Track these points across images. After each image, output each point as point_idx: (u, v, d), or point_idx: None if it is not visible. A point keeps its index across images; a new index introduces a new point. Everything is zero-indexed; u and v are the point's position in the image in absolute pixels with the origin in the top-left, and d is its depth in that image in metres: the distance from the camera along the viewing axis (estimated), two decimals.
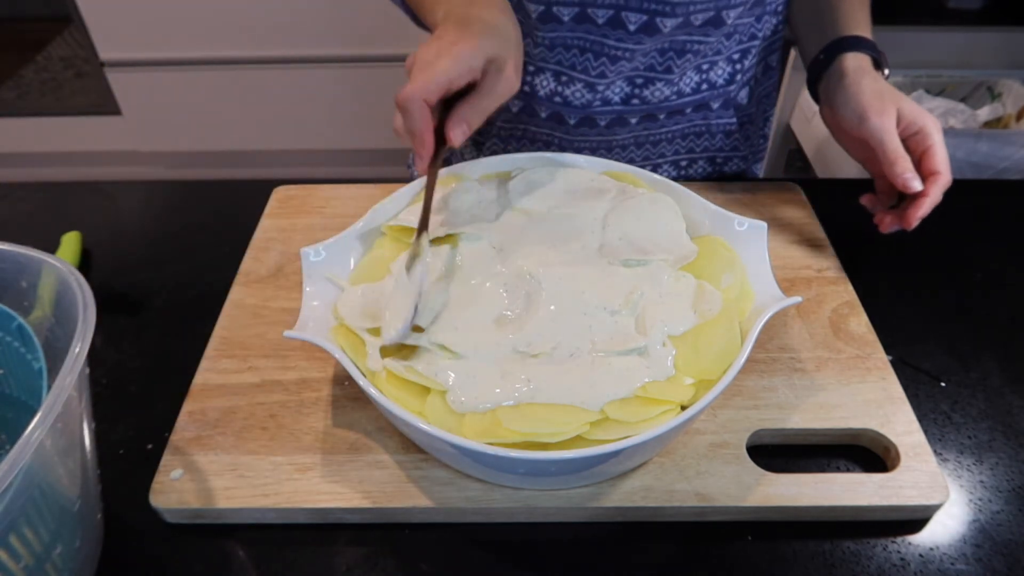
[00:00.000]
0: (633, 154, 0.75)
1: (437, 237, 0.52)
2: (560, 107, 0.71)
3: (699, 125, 0.74)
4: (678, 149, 0.76)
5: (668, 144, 0.75)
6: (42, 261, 0.41)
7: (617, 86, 0.69)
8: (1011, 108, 1.37)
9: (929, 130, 0.58)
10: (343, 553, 0.45)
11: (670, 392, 0.44)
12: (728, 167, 0.79)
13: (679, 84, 0.70)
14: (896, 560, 0.44)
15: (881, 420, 0.49)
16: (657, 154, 0.75)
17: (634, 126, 0.72)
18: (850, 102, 0.60)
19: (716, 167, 0.79)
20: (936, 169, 0.57)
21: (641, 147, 0.74)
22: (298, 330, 0.46)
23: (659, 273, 0.50)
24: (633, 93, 0.70)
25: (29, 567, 0.35)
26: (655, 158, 0.76)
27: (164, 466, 0.47)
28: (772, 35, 0.74)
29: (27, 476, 0.33)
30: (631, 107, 0.71)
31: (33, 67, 2.24)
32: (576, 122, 0.72)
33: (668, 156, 0.76)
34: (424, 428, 0.40)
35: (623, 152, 0.75)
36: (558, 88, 0.70)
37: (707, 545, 0.45)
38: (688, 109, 0.72)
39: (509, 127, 0.75)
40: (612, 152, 0.75)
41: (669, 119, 0.73)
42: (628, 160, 0.75)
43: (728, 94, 0.73)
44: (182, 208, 0.76)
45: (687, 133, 0.74)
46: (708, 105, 0.73)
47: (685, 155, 0.76)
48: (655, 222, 0.53)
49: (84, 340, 0.35)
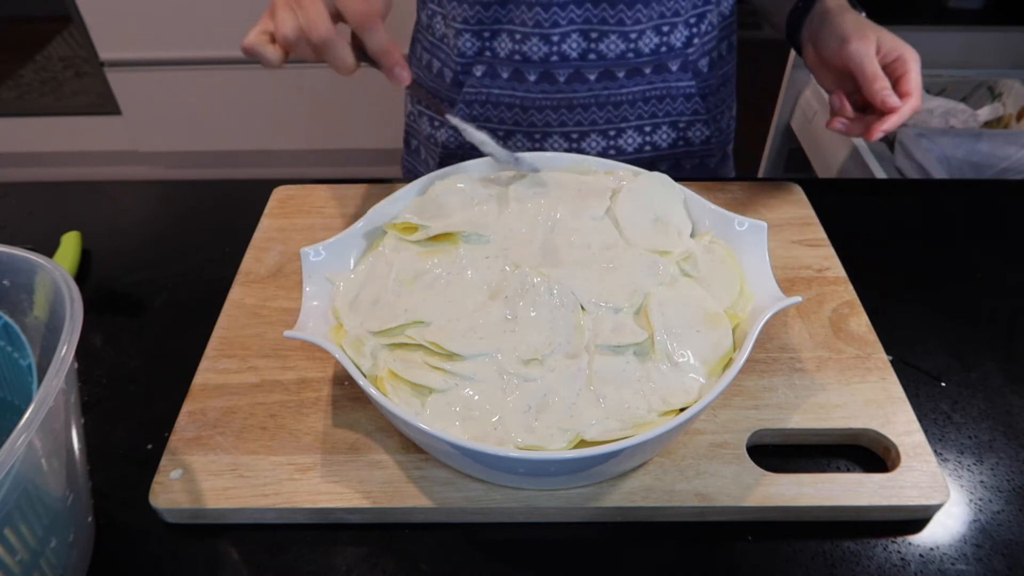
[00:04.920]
0: (595, 115, 0.77)
1: (438, 236, 0.52)
2: (520, 64, 0.74)
3: (659, 88, 0.76)
4: (640, 113, 0.77)
5: (630, 107, 0.77)
6: (35, 263, 0.41)
7: (573, 40, 0.72)
8: (1011, 108, 1.37)
9: (907, 57, 0.61)
10: (343, 553, 0.45)
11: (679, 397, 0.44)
12: (692, 133, 0.81)
13: (637, 43, 0.73)
14: (896, 560, 0.44)
15: (881, 420, 0.49)
16: (620, 117, 0.77)
17: (593, 83, 0.74)
18: (834, 32, 0.63)
19: (680, 132, 0.80)
20: (910, 92, 0.60)
21: (603, 108, 0.76)
22: (298, 330, 0.46)
23: (662, 273, 0.50)
24: (589, 48, 0.72)
25: (24, 561, 0.35)
26: (618, 121, 0.77)
27: (164, 466, 0.47)
28: (729, 15, 0.79)
29: (17, 476, 0.33)
30: (588, 62, 0.73)
31: (33, 67, 2.24)
32: (536, 78, 0.74)
33: (631, 120, 0.78)
34: (424, 428, 0.40)
35: (585, 112, 0.76)
36: (515, 46, 0.73)
37: (707, 545, 0.45)
38: (647, 69, 0.75)
39: (474, 91, 0.77)
40: (573, 112, 0.76)
41: (629, 79, 0.75)
42: (591, 123, 0.77)
43: (686, 57, 0.75)
44: (182, 208, 0.76)
45: (648, 96, 0.76)
46: (667, 67, 0.75)
47: (648, 120, 0.78)
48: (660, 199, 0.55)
49: (71, 341, 0.35)
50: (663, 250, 0.51)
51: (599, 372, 0.45)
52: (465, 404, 0.44)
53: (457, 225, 0.52)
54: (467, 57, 0.76)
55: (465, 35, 0.74)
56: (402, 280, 0.50)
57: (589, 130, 0.77)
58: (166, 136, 2.03)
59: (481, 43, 0.74)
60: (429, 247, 0.52)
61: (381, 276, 0.51)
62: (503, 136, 0.79)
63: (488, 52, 0.75)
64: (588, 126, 0.77)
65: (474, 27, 0.74)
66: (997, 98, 1.41)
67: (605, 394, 0.44)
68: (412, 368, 0.45)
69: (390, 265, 0.51)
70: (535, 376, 0.45)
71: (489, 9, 0.72)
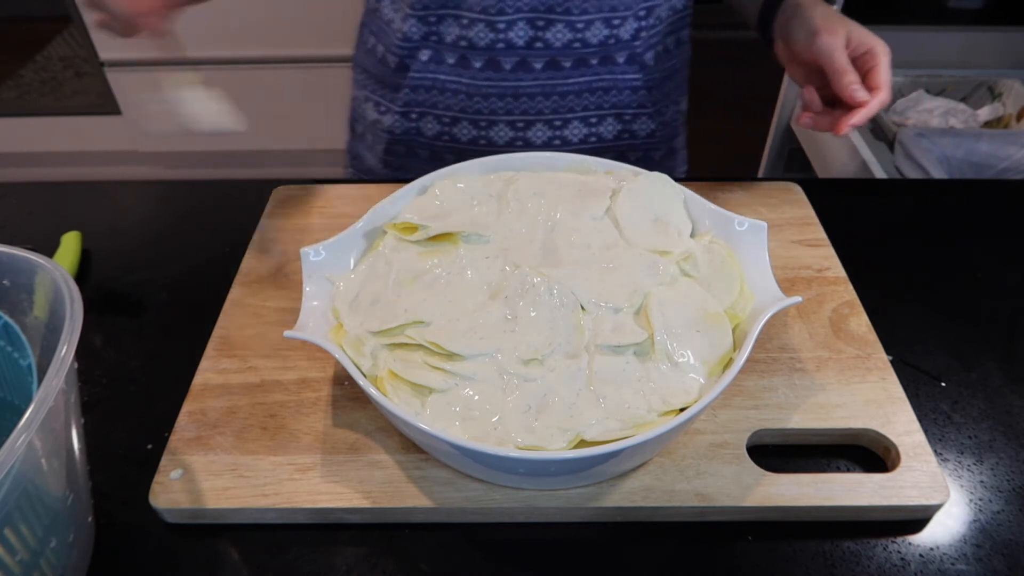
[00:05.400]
0: (542, 104, 0.77)
1: (438, 236, 0.52)
2: (466, 50, 0.74)
3: (605, 79, 0.76)
4: (586, 104, 0.78)
5: (576, 97, 0.77)
6: (35, 263, 0.41)
7: (519, 27, 0.72)
8: (1011, 108, 1.37)
9: (876, 51, 0.60)
10: (343, 553, 0.45)
11: (679, 397, 0.44)
12: (637, 125, 0.81)
13: (584, 33, 0.73)
14: (896, 560, 0.44)
15: (881, 420, 0.49)
16: (565, 107, 0.77)
17: (539, 72, 0.74)
18: (803, 25, 0.63)
19: (625, 125, 0.80)
20: (879, 85, 0.59)
21: (549, 97, 0.76)
22: (298, 330, 0.46)
23: (662, 273, 0.50)
24: (536, 36, 0.72)
25: (24, 561, 0.35)
26: (564, 112, 0.78)
27: (164, 466, 0.47)
28: (683, 9, 0.78)
29: (17, 476, 0.33)
30: (535, 50, 0.73)
31: (33, 67, 2.24)
32: (481, 65, 0.74)
33: (577, 111, 0.78)
34: (424, 428, 0.40)
35: (531, 101, 0.76)
36: (461, 32, 0.73)
37: (707, 545, 0.45)
38: (594, 60, 0.75)
39: (419, 76, 0.77)
40: (519, 100, 0.76)
41: (575, 70, 0.75)
42: (537, 112, 0.77)
43: (634, 49, 0.75)
44: (182, 208, 0.76)
45: (594, 87, 0.77)
46: (613, 58, 0.75)
47: (594, 111, 0.78)
48: (660, 199, 0.55)
49: (71, 341, 0.35)
50: (663, 250, 0.51)
51: (599, 372, 0.45)
52: (465, 404, 0.44)
53: (457, 225, 0.52)
54: (413, 42, 0.75)
55: (411, 19, 0.74)
56: (402, 280, 0.50)
57: (535, 119, 0.77)
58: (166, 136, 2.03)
59: (427, 28, 0.74)
60: (429, 247, 0.52)
61: (381, 276, 0.51)
62: (448, 123, 0.79)
63: (434, 37, 0.74)
64: (534, 115, 0.77)
65: (420, 12, 0.73)
66: (997, 98, 1.41)
67: (605, 394, 0.44)
68: (412, 368, 0.45)
69: (390, 265, 0.51)
70: (535, 376, 0.45)
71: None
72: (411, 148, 0.82)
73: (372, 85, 0.83)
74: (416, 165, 0.83)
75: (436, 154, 0.81)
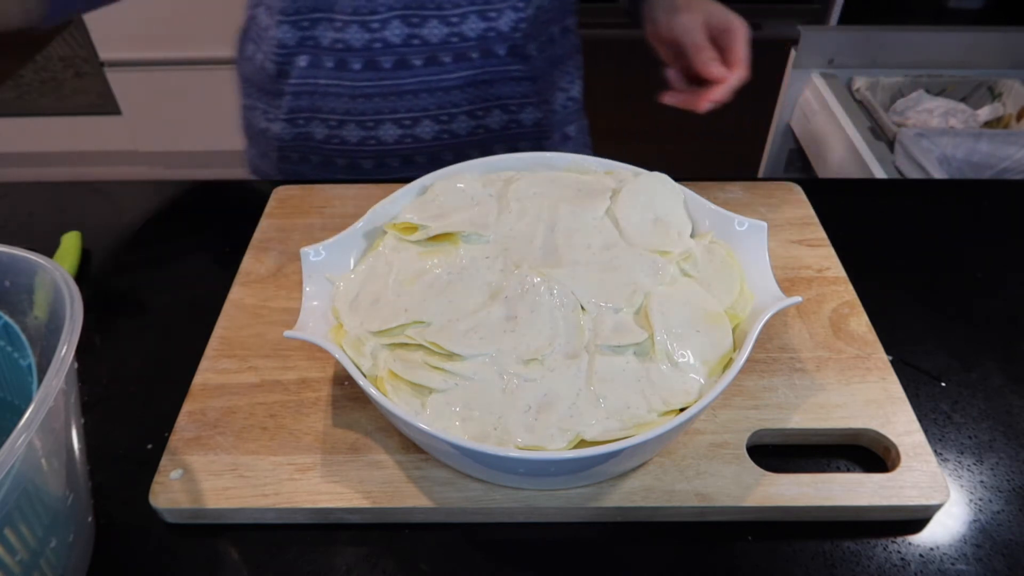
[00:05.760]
0: (426, 101, 0.77)
1: (438, 236, 0.52)
2: (343, 53, 0.74)
3: (488, 72, 0.76)
4: (471, 98, 0.78)
5: (460, 92, 0.77)
6: (35, 263, 0.41)
7: (394, 26, 0.72)
8: (1011, 108, 1.37)
9: (734, 29, 0.62)
10: (343, 553, 0.45)
11: (679, 397, 0.44)
12: (523, 115, 0.81)
13: (460, 27, 0.73)
14: (896, 560, 0.44)
15: (881, 420, 0.49)
16: (450, 102, 0.77)
17: (419, 69, 0.74)
18: (665, 4, 0.66)
19: (511, 115, 0.81)
20: (736, 62, 0.62)
21: (432, 93, 0.76)
22: (298, 330, 0.46)
23: (662, 273, 0.50)
24: (412, 33, 0.73)
25: (24, 561, 0.35)
26: (449, 107, 0.78)
27: (164, 466, 0.47)
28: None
29: (17, 476, 0.33)
30: (412, 47, 0.73)
31: (33, 67, 2.24)
32: (361, 67, 0.74)
33: (462, 105, 0.78)
34: (424, 428, 0.40)
35: (415, 99, 0.76)
36: (337, 35, 0.73)
37: (707, 545, 0.45)
38: (474, 54, 0.75)
39: (299, 83, 0.77)
40: (403, 98, 0.76)
41: (455, 64, 0.75)
42: (422, 109, 0.77)
43: (514, 41, 0.75)
44: (182, 208, 0.76)
45: (477, 81, 0.77)
46: (493, 51, 0.75)
47: (480, 104, 0.79)
48: (660, 199, 0.55)
49: (71, 341, 0.35)
50: (663, 250, 0.51)
51: (599, 372, 0.45)
52: (465, 404, 0.44)
53: (457, 225, 0.52)
54: (288, 48, 0.75)
55: (284, 25, 0.74)
56: (402, 280, 0.50)
57: (421, 116, 0.77)
58: (166, 136, 2.03)
59: (301, 33, 0.74)
60: (429, 247, 0.52)
61: (381, 276, 0.51)
62: (335, 126, 0.78)
63: (310, 42, 0.74)
64: (419, 112, 0.77)
65: (292, 17, 0.73)
66: (997, 98, 1.41)
67: (605, 394, 0.44)
68: (412, 368, 0.45)
69: (390, 265, 0.51)
70: (535, 376, 0.45)
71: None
72: (303, 154, 0.82)
73: (256, 93, 0.83)
74: (310, 171, 0.83)
75: (328, 159, 0.81)
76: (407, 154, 0.81)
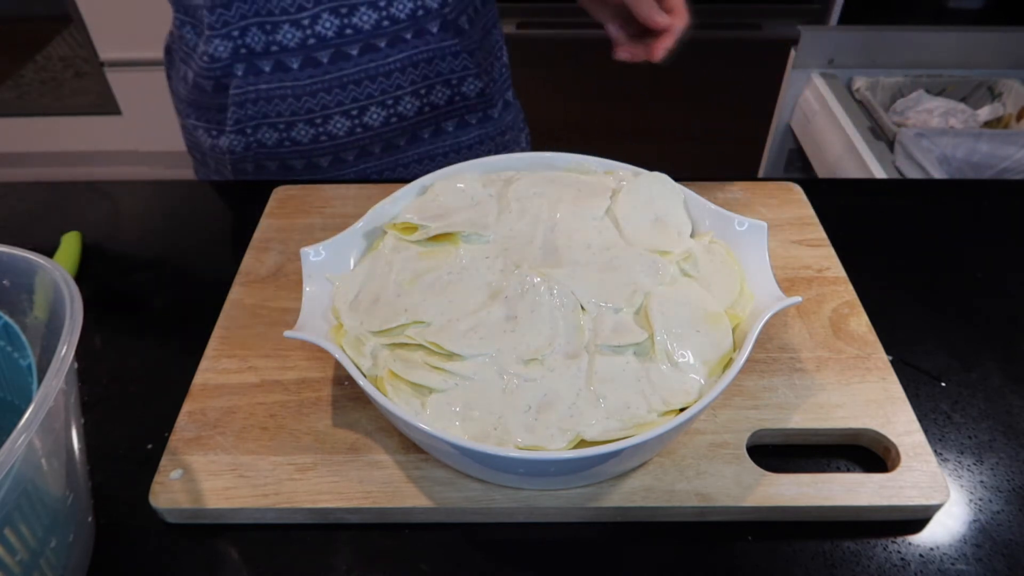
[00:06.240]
0: (369, 88, 0.77)
1: (438, 236, 0.52)
2: (279, 54, 0.74)
3: (425, 51, 0.77)
4: (413, 79, 0.78)
5: (401, 74, 0.78)
6: (35, 263, 0.41)
7: (325, 19, 0.72)
8: (1011, 108, 1.37)
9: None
10: (343, 553, 0.45)
11: (679, 397, 0.44)
12: (466, 87, 0.82)
13: (389, 10, 0.74)
14: (896, 560, 0.44)
15: (881, 420, 0.49)
16: (394, 86, 0.78)
17: (357, 58, 0.75)
18: None
19: (454, 89, 0.82)
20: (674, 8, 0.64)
21: (375, 80, 0.77)
22: (298, 330, 0.46)
23: (662, 273, 0.50)
24: (344, 24, 0.73)
25: (24, 561, 0.35)
26: (393, 90, 0.78)
27: (164, 466, 0.47)
28: None
29: (17, 476, 0.33)
30: (346, 38, 0.74)
31: (33, 67, 2.24)
32: (299, 65, 0.75)
33: (406, 87, 0.79)
34: (424, 428, 0.40)
35: (358, 88, 0.77)
36: (269, 38, 0.73)
37: (707, 545, 0.45)
38: (408, 35, 0.75)
39: (241, 92, 0.77)
40: (347, 90, 0.77)
41: (392, 48, 0.76)
42: (367, 97, 0.77)
43: (444, 17, 0.76)
44: (182, 208, 0.76)
45: (416, 61, 0.77)
46: (427, 30, 0.76)
47: (422, 83, 0.79)
48: (660, 199, 0.55)
49: (71, 341, 0.35)
50: (663, 250, 0.51)
51: (599, 372, 0.45)
52: (465, 404, 0.44)
53: (457, 225, 0.52)
54: (222, 60, 0.75)
55: (215, 40, 0.74)
56: (402, 280, 0.50)
57: (367, 103, 0.78)
58: (166, 136, 2.03)
59: (233, 43, 0.74)
60: (429, 247, 0.52)
61: (381, 276, 0.51)
62: (284, 128, 0.78)
63: (243, 50, 0.74)
64: (365, 100, 0.78)
65: (221, 30, 0.73)
66: (997, 98, 1.41)
67: (605, 394, 0.44)
68: (412, 368, 0.45)
69: (390, 265, 0.51)
70: (535, 376, 0.45)
71: (231, 8, 0.72)
72: (258, 163, 0.82)
73: (196, 112, 0.82)
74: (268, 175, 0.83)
75: (284, 164, 0.81)
76: (362, 144, 0.81)
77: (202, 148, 0.85)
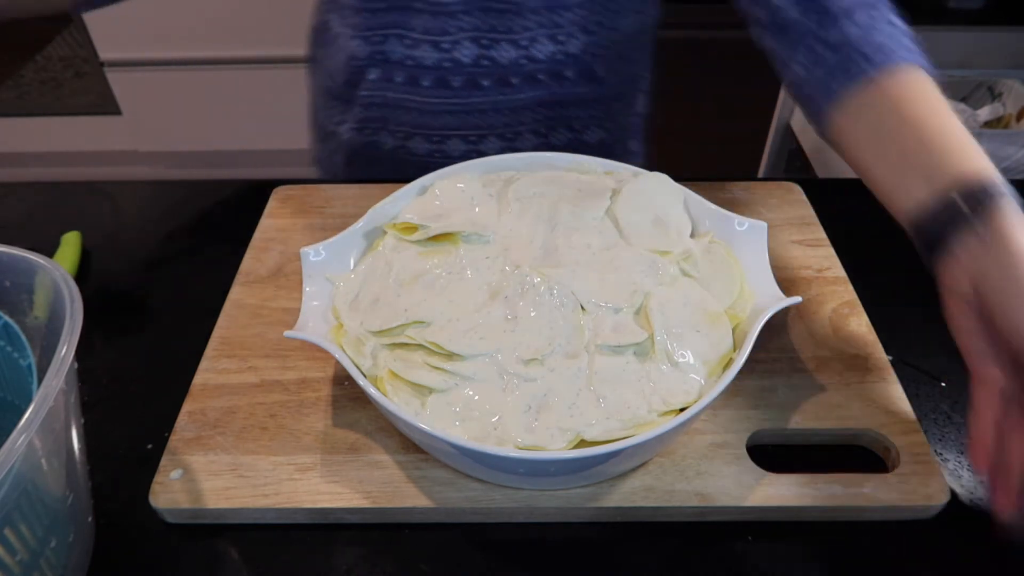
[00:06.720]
0: (493, 120, 0.77)
1: (438, 236, 0.52)
2: (413, 69, 0.74)
3: (556, 94, 0.76)
4: (537, 117, 0.78)
5: (527, 112, 0.77)
6: (35, 263, 0.41)
7: (465, 47, 0.72)
8: (1011, 108, 1.37)
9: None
10: (343, 553, 0.45)
11: (679, 397, 0.44)
12: (588, 135, 0.81)
13: (530, 50, 0.73)
14: (896, 560, 0.44)
15: (881, 420, 0.49)
16: (517, 121, 0.78)
17: (488, 90, 0.75)
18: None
19: (575, 134, 0.81)
20: None
21: (500, 112, 0.77)
22: (298, 330, 0.46)
23: (662, 273, 0.50)
24: (482, 54, 0.73)
25: (24, 561, 0.35)
26: (515, 125, 0.78)
27: (164, 466, 0.47)
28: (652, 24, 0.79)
29: (17, 476, 0.33)
30: (482, 68, 0.73)
31: (33, 67, 2.24)
32: (431, 84, 0.75)
33: (529, 124, 0.78)
34: (424, 428, 0.40)
35: (482, 116, 0.77)
36: (408, 52, 0.73)
37: (707, 545, 0.45)
38: (542, 76, 0.75)
39: (369, 95, 0.77)
40: (471, 116, 0.77)
41: (524, 85, 0.75)
42: (489, 127, 0.77)
43: (584, 64, 0.75)
44: (182, 208, 0.76)
45: (545, 102, 0.77)
46: (562, 74, 0.75)
47: (544, 123, 0.79)
48: (660, 199, 0.55)
49: (71, 341, 0.35)
50: (663, 250, 0.51)
51: (599, 372, 0.45)
52: (465, 404, 0.44)
53: (457, 225, 0.52)
54: (360, 60, 0.75)
55: (356, 40, 0.74)
56: (402, 280, 0.50)
57: (487, 133, 0.78)
58: (166, 136, 2.03)
59: (372, 47, 0.74)
60: (429, 247, 0.52)
61: (381, 276, 0.51)
62: (403, 137, 0.79)
63: (380, 56, 0.75)
64: (486, 129, 0.77)
65: (364, 33, 0.74)
66: (997, 98, 1.41)
67: (605, 394, 0.44)
68: (412, 368, 0.45)
69: (390, 265, 0.51)
70: (535, 376, 0.45)
71: (377, 15, 0.73)
72: (372, 158, 0.83)
73: (326, 97, 0.83)
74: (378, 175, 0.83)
75: (397, 165, 0.82)
76: None
77: (324, 130, 0.86)
